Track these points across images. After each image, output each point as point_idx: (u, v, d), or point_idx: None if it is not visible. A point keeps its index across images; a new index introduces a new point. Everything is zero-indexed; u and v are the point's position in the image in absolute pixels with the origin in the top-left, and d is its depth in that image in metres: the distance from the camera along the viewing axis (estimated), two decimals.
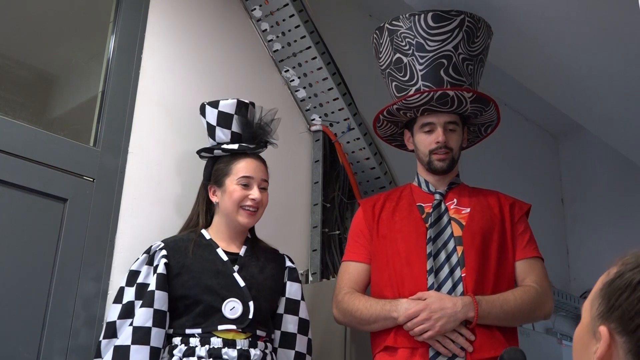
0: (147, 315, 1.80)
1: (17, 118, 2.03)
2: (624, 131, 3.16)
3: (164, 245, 1.95)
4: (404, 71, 2.14)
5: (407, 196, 2.11)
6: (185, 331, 1.84)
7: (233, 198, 1.98)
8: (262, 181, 2.03)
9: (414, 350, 1.88)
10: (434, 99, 2.02)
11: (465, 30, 2.12)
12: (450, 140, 2.06)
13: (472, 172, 3.54)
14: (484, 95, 2.09)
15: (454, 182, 2.12)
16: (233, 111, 2.07)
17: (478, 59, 2.17)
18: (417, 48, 2.12)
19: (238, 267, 1.96)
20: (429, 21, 2.12)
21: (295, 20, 2.70)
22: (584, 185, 4.35)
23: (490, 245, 1.98)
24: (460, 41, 2.11)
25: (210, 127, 2.09)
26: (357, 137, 2.83)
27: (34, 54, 2.30)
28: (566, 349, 3.70)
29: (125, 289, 1.89)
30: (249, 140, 2.07)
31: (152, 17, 2.42)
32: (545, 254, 2.09)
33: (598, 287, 0.95)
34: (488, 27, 2.21)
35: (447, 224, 2.00)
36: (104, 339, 1.82)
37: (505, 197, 2.12)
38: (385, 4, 3.22)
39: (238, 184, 1.99)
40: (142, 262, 1.94)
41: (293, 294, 2.05)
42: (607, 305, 0.90)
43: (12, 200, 1.93)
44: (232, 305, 1.86)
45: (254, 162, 2.04)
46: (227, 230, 2.03)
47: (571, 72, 2.72)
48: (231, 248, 2.01)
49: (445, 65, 2.09)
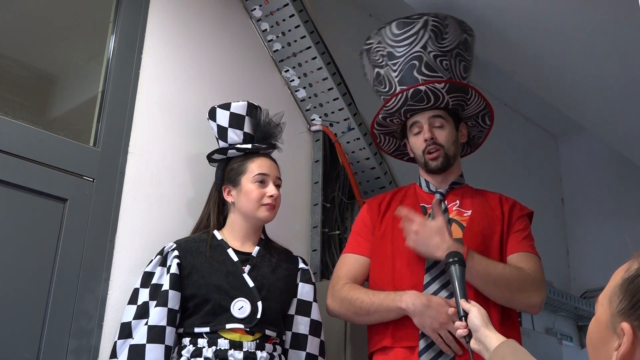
0: (162, 314, 1.82)
1: (17, 118, 2.03)
2: (623, 131, 3.16)
3: (176, 246, 1.97)
4: (384, 83, 2.19)
5: (411, 196, 2.12)
6: (194, 330, 1.85)
7: (251, 197, 2.01)
8: (277, 179, 2.08)
9: (412, 349, 1.87)
10: (408, 97, 2.04)
11: (431, 29, 2.14)
12: (439, 136, 2.05)
13: (472, 172, 3.54)
14: (458, 82, 2.08)
15: (456, 182, 2.11)
16: (244, 112, 2.11)
17: (453, 53, 2.17)
18: (389, 57, 2.16)
19: (249, 267, 1.97)
20: (393, 29, 2.18)
21: (295, 20, 2.70)
22: (584, 185, 4.35)
23: (490, 247, 1.97)
24: (427, 40, 2.13)
25: (222, 129, 2.12)
26: (357, 137, 2.83)
27: (34, 54, 2.30)
28: (566, 349, 3.70)
29: (140, 290, 1.91)
30: (261, 140, 2.11)
31: (152, 17, 2.42)
32: (545, 254, 2.09)
33: (617, 282, 0.95)
34: (460, 23, 2.22)
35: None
36: (119, 339, 1.84)
37: (507, 198, 2.12)
38: (385, 4, 3.22)
39: (254, 181, 2.02)
40: (155, 263, 1.96)
41: (305, 295, 2.06)
42: (630, 302, 0.90)
43: (12, 200, 1.93)
44: (241, 305, 1.87)
45: (267, 160, 2.08)
46: (242, 229, 2.05)
47: (571, 72, 2.72)
48: (244, 248, 2.03)
49: (417, 66, 2.12)
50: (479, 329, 1.46)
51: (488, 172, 3.72)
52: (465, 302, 1.56)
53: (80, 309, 1.99)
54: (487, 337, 1.43)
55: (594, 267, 3.94)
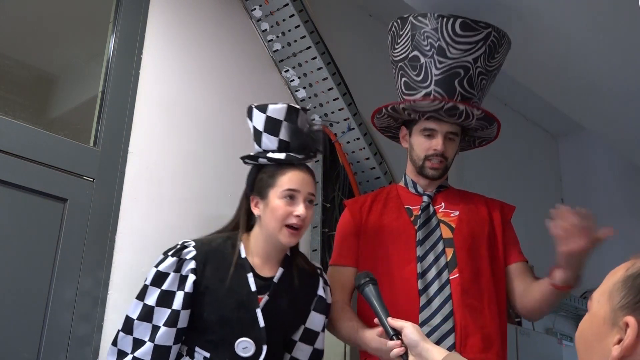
0: (170, 335, 1.74)
1: (17, 118, 2.04)
2: (624, 131, 3.17)
3: (196, 254, 1.80)
4: (418, 70, 2.12)
5: (395, 198, 2.10)
6: (195, 348, 1.80)
7: (276, 215, 1.80)
8: (309, 195, 1.83)
9: None
10: (443, 108, 2.00)
11: (489, 44, 2.10)
12: (448, 150, 2.04)
13: (472, 172, 3.55)
14: (492, 115, 2.08)
15: (442, 185, 2.11)
16: (282, 117, 1.87)
17: (492, 74, 2.17)
18: (438, 52, 2.09)
19: (266, 299, 1.81)
20: (456, 28, 2.08)
21: (295, 20, 2.70)
22: (584, 185, 4.35)
23: (481, 247, 1.98)
24: (481, 54, 2.09)
25: (257, 132, 1.89)
26: (357, 137, 2.83)
27: (34, 54, 2.30)
28: (566, 349, 3.70)
29: (149, 289, 1.78)
30: (298, 149, 1.87)
31: (152, 17, 2.43)
32: (545, 254, 2.10)
33: (617, 278, 0.96)
34: (509, 43, 2.20)
35: (436, 226, 2.00)
36: (122, 332, 1.76)
37: (492, 200, 2.13)
38: (385, 4, 3.22)
39: (282, 197, 1.80)
40: (170, 266, 1.79)
41: (314, 325, 1.91)
42: (635, 296, 0.92)
43: (12, 200, 1.93)
44: (245, 345, 1.77)
45: (300, 174, 1.84)
46: (265, 246, 1.85)
47: (571, 72, 2.72)
48: (265, 269, 1.85)
49: (461, 76, 2.07)
50: (418, 344, 1.41)
51: (488, 172, 3.73)
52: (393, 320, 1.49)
53: (80, 308, 1.99)
54: (428, 351, 1.38)
55: (594, 267, 3.93)
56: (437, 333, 1.85)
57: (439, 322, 1.87)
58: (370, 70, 3.12)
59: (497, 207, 2.09)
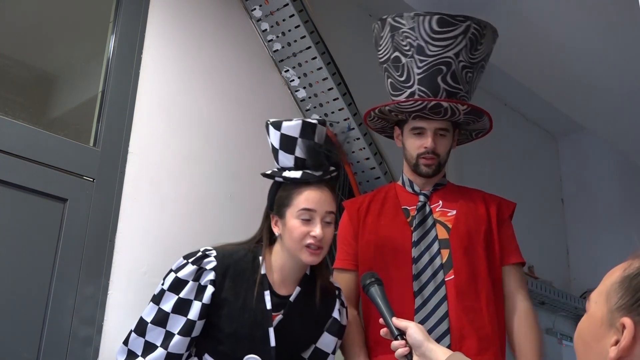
0: (183, 343, 1.74)
1: (17, 118, 2.04)
2: (624, 131, 3.17)
3: (216, 264, 1.78)
4: (400, 70, 2.12)
5: (392, 198, 2.10)
6: (204, 356, 1.80)
7: (293, 236, 1.77)
8: (327, 214, 1.79)
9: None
10: (427, 107, 2.00)
11: (470, 37, 2.08)
12: (439, 146, 2.04)
13: (472, 172, 3.55)
14: (478, 108, 2.06)
15: (439, 182, 2.11)
16: (297, 134, 1.82)
17: (478, 66, 2.15)
18: (418, 51, 2.08)
19: (280, 318, 1.80)
20: (433, 25, 2.07)
21: (295, 20, 2.70)
22: (584, 185, 4.35)
23: (477, 247, 1.98)
24: (462, 48, 2.08)
25: (274, 149, 1.86)
26: (357, 137, 2.83)
27: (34, 54, 2.30)
28: (566, 349, 3.70)
29: (166, 294, 1.77)
30: (314, 166, 1.82)
31: (152, 17, 2.42)
32: (545, 254, 2.10)
33: (615, 279, 0.96)
34: (493, 32, 2.17)
35: (431, 226, 2.00)
36: (134, 333, 1.77)
37: (491, 196, 2.12)
38: (385, 3, 3.22)
39: (298, 217, 1.77)
40: (189, 274, 1.77)
41: (325, 346, 1.89)
42: (632, 297, 0.92)
43: (12, 200, 1.93)
44: None
45: (317, 192, 1.79)
46: (285, 264, 1.83)
47: (571, 71, 2.72)
48: (283, 287, 1.84)
49: (443, 72, 2.07)
50: (422, 344, 1.40)
51: (488, 172, 3.73)
52: (398, 320, 1.49)
53: (80, 309, 1.99)
54: (432, 351, 1.38)
55: (594, 267, 3.94)
56: (432, 335, 1.83)
57: (434, 323, 1.87)
58: (370, 70, 3.11)
59: (494, 203, 2.08)
